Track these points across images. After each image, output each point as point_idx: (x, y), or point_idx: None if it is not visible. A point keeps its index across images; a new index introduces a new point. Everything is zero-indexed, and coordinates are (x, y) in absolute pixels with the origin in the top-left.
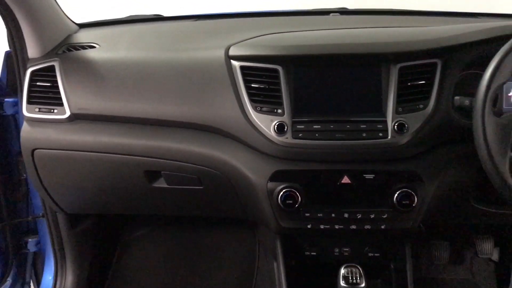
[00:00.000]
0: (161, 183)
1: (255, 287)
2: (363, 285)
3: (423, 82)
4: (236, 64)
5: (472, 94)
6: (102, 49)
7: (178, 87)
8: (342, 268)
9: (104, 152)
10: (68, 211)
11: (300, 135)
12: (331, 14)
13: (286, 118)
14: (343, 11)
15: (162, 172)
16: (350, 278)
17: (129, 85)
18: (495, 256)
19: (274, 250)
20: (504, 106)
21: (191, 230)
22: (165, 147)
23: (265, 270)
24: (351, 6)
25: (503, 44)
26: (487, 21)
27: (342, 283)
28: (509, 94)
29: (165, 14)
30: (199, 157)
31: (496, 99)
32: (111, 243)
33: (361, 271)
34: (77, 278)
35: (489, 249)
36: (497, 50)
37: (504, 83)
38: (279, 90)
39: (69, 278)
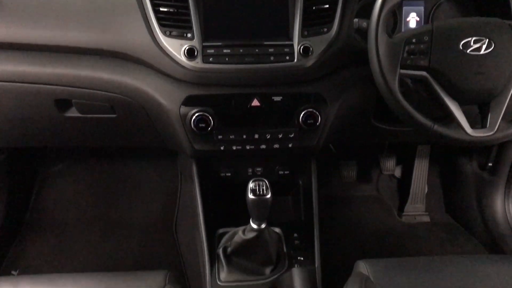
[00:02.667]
0: (74, 112)
1: (177, 211)
2: (268, 196)
3: (327, 6)
4: None
5: None
6: None
7: (83, 12)
8: (250, 182)
9: (10, 81)
10: None
11: (210, 59)
12: None
13: (196, 43)
14: None
15: (73, 100)
16: (257, 190)
17: (30, 10)
18: (397, 173)
19: (191, 174)
20: (402, 30)
21: (112, 162)
22: (74, 75)
23: (187, 197)
24: None
25: None
26: None
27: (250, 195)
28: (408, 19)
29: None
30: (109, 84)
31: (393, 21)
32: (28, 179)
33: (267, 184)
34: None
35: (392, 167)
36: None
37: (396, 5)
38: (188, 14)
39: None
